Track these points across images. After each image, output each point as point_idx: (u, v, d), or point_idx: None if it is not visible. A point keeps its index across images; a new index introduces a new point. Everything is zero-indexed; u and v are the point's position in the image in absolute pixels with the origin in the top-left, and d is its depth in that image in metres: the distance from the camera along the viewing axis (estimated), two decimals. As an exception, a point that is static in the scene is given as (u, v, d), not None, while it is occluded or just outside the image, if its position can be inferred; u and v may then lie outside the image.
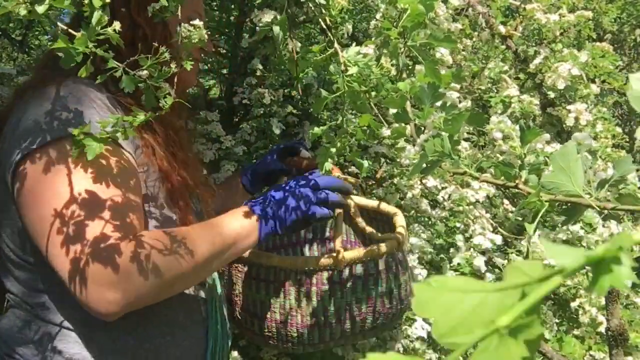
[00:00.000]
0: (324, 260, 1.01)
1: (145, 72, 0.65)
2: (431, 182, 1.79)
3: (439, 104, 0.80)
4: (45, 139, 0.78)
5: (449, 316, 0.23)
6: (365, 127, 0.90)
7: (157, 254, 0.77)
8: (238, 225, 0.90)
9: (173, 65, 0.68)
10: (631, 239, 0.22)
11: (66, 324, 0.85)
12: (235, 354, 1.39)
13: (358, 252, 1.03)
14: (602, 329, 1.71)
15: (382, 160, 1.94)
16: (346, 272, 1.02)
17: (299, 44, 1.54)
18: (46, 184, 0.78)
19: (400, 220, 1.18)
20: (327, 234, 1.47)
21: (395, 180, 1.81)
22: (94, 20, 0.60)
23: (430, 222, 1.78)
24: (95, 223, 0.75)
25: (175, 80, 0.70)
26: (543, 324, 2.02)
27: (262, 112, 1.75)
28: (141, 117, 0.68)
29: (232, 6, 1.99)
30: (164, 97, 0.67)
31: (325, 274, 1.01)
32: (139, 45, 0.73)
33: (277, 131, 1.75)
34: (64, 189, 0.77)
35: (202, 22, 0.67)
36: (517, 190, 0.75)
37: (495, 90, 2.11)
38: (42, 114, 0.81)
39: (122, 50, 0.69)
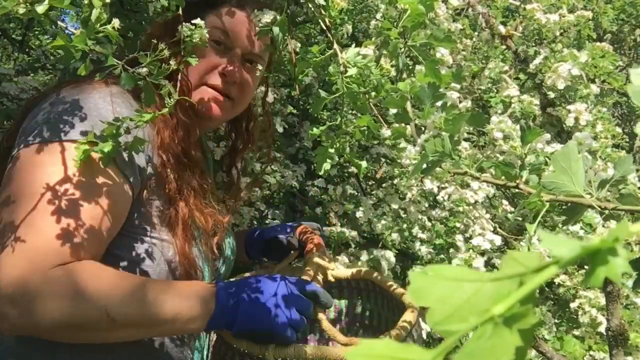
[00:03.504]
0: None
1: (145, 69, 0.65)
2: (428, 184, 1.80)
3: (439, 104, 0.80)
4: (43, 138, 0.78)
5: (444, 304, 0.23)
6: (364, 128, 0.89)
7: (72, 292, 0.71)
8: (189, 305, 0.78)
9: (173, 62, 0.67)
10: (628, 230, 0.22)
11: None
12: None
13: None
14: (601, 329, 1.71)
15: (382, 160, 1.94)
16: None
17: (299, 45, 1.53)
18: (21, 175, 0.76)
19: (409, 303, 0.95)
20: None
21: (396, 181, 1.81)
22: (93, 17, 0.60)
23: (426, 226, 1.78)
24: (36, 232, 0.72)
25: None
26: (543, 324, 2.02)
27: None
28: (147, 116, 0.67)
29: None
30: (168, 95, 0.67)
31: None
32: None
33: (280, 130, 1.74)
34: (30, 186, 0.74)
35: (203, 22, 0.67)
36: (517, 190, 0.75)
37: (495, 90, 2.11)
38: (53, 114, 0.80)
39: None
